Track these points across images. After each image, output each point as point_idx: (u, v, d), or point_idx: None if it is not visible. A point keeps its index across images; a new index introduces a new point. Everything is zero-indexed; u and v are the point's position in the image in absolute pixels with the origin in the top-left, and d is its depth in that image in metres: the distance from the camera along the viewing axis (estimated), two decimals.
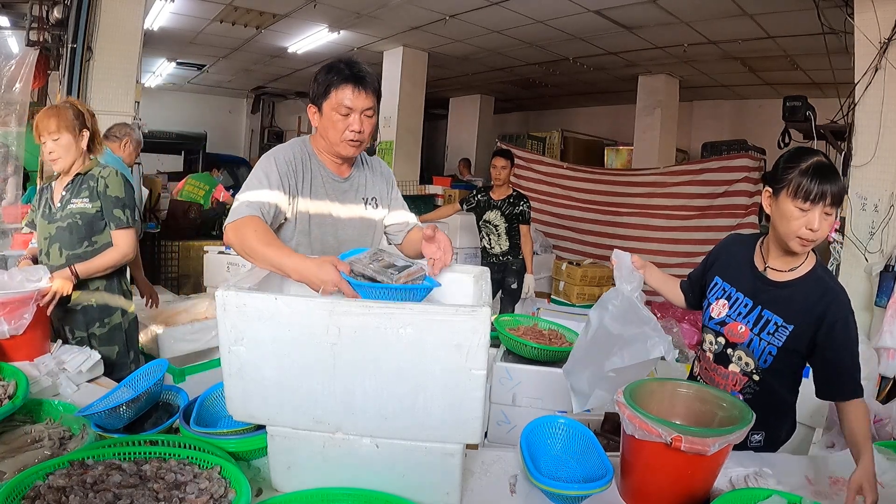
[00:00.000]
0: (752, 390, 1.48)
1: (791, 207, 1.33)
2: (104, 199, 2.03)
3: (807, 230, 1.33)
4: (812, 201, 1.30)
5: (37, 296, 1.73)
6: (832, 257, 3.25)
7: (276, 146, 1.63)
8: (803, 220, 1.33)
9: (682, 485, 1.14)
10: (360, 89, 1.50)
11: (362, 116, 1.53)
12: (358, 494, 1.05)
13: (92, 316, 2.08)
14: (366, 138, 1.57)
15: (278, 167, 1.52)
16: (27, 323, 1.67)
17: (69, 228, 2.02)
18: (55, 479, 0.98)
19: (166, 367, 1.48)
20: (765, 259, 1.49)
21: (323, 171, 1.63)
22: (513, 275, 4.08)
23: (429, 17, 5.71)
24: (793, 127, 3.74)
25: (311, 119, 1.60)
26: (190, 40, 7.02)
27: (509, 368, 1.95)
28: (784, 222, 1.36)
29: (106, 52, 3.67)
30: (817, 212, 1.31)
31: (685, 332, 3.77)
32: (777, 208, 1.38)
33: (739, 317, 1.49)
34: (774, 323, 1.43)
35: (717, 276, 1.58)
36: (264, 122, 11.76)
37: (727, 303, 1.52)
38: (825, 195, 1.30)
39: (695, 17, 5.03)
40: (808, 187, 1.30)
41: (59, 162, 2.01)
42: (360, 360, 1.02)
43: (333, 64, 1.54)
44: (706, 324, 1.57)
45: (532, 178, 6.42)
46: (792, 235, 1.35)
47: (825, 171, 1.31)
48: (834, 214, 1.34)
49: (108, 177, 2.04)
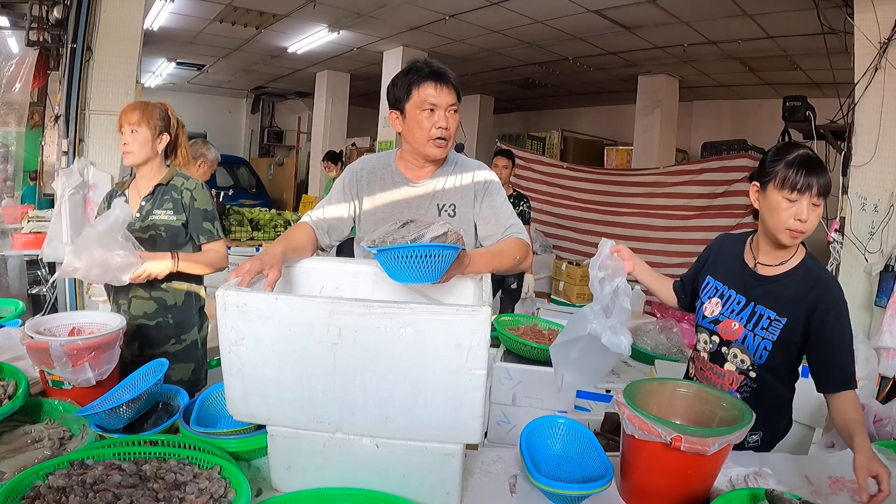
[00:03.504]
0: (748, 388, 1.48)
1: (779, 199, 1.36)
2: (192, 212, 1.95)
3: (795, 221, 1.35)
4: (799, 191, 1.33)
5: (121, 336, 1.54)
6: (832, 257, 3.25)
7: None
8: (791, 210, 1.35)
9: (682, 485, 1.14)
10: (441, 85, 1.50)
11: (447, 113, 1.51)
12: (358, 494, 1.05)
13: (167, 333, 1.97)
14: (452, 135, 1.53)
15: (344, 179, 1.66)
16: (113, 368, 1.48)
17: (151, 241, 1.89)
18: (55, 480, 0.98)
19: (166, 367, 1.48)
20: (755, 255, 1.51)
21: (397, 177, 1.63)
22: (512, 275, 4.08)
23: (429, 17, 5.71)
24: (793, 127, 3.74)
25: (394, 126, 1.60)
26: (190, 40, 7.02)
27: (509, 368, 1.95)
28: (773, 214, 1.38)
29: (106, 52, 3.66)
30: (805, 202, 1.34)
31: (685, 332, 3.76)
32: (765, 201, 1.40)
33: (733, 314, 1.50)
34: (767, 317, 1.44)
35: (709, 276, 1.59)
36: (264, 122, 11.76)
37: (720, 301, 1.53)
38: (811, 185, 1.32)
39: (695, 17, 5.03)
40: (794, 178, 1.33)
41: (131, 156, 1.92)
42: (360, 359, 1.02)
43: (411, 65, 1.55)
44: (700, 323, 1.58)
45: (532, 178, 6.42)
46: (781, 227, 1.37)
47: (811, 163, 1.34)
48: (822, 206, 1.36)
49: (194, 189, 1.97)
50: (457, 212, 1.61)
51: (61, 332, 1.59)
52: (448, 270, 1.23)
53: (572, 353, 1.34)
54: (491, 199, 1.62)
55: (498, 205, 1.62)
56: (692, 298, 1.65)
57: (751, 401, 1.32)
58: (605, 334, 1.24)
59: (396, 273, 1.20)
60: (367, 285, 1.44)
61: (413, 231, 1.23)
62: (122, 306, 1.96)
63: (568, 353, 1.35)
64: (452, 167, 1.64)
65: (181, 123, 2.06)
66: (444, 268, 1.20)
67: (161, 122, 1.97)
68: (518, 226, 1.60)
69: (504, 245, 1.52)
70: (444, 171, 1.63)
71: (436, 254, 1.16)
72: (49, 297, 3.73)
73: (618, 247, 1.47)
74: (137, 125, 1.92)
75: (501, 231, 1.57)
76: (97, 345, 1.44)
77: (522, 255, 1.53)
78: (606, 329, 1.26)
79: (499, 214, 1.60)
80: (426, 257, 1.15)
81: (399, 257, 1.16)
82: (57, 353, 1.37)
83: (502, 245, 1.52)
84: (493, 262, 1.41)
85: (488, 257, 1.41)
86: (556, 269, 4.93)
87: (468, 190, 1.62)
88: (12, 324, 2.02)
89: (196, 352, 2.05)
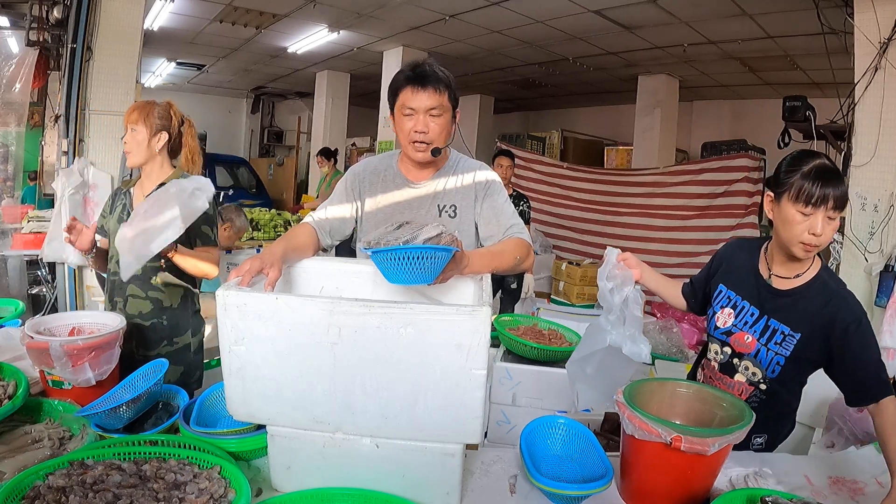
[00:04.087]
0: (758, 399, 1.46)
1: (793, 212, 1.31)
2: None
3: (809, 235, 1.30)
4: (814, 205, 1.28)
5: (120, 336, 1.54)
6: (832, 257, 3.25)
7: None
8: (806, 224, 1.30)
9: (682, 485, 1.14)
10: (419, 89, 1.50)
11: (426, 116, 1.51)
12: (358, 494, 1.05)
13: (161, 334, 1.95)
14: (433, 139, 1.52)
15: (347, 180, 1.68)
16: (113, 368, 1.48)
17: None
18: (55, 480, 0.98)
19: (166, 367, 1.48)
20: (769, 266, 1.47)
21: (399, 178, 1.64)
22: (512, 275, 4.08)
23: (429, 17, 5.71)
24: (793, 127, 3.74)
25: (392, 128, 1.63)
26: (190, 40, 7.02)
27: (509, 368, 1.95)
28: (787, 227, 1.33)
29: (106, 52, 3.66)
30: (820, 216, 1.28)
31: (685, 332, 3.77)
32: (779, 213, 1.35)
33: (746, 326, 1.47)
34: (781, 332, 1.41)
35: (722, 284, 1.55)
36: (264, 122, 11.76)
37: (733, 312, 1.50)
38: (827, 198, 1.27)
39: (695, 17, 5.03)
40: (809, 191, 1.27)
41: (129, 156, 1.92)
42: (360, 359, 1.02)
43: (402, 68, 1.57)
44: (711, 333, 1.55)
45: (532, 178, 6.42)
46: (795, 241, 1.33)
47: (828, 175, 1.28)
48: (838, 220, 1.31)
49: None
50: (457, 212, 1.61)
51: (61, 332, 1.58)
52: (445, 271, 1.23)
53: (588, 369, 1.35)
54: (492, 199, 1.61)
55: (499, 205, 1.61)
56: (703, 304, 1.63)
57: (759, 410, 1.31)
58: (625, 344, 1.26)
59: (391, 274, 1.21)
60: (367, 285, 1.44)
61: (407, 232, 1.24)
62: (118, 304, 1.94)
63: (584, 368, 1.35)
64: (454, 168, 1.64)
65: (189, 122, 2.03)
66: (437, 269, 1.21)
67: (160, 121, 1.94)
68: (519, 226, 1.60)
69: (505, 245, 1.52)
70: (444, 172, 1.63)
71: (429, 255, 1.17)
72: (49, 297, 3.73)
73: (624, 255, 1.47)
74: (135, 124, 1.90)
75: (502, 231, 1.57)
76: (97, 345, 1.44)
77: (523, 256, 1.52)
78: (626, 339, 1.28)
79: (500, 215, 1.60)
80: (419, 259, 1.17)
81: (393, 259, 1.17)
82: (57, 353, 1.37)
83: (503, 245, 1.52)
84: (493, 262, 1.41)
85: (488, 257, 1.41)
86: (556, 269, 4.93)
87: (469, 190, 1.62)
88: (12, 324, 2.01)
89: (187, 355, 2.02)
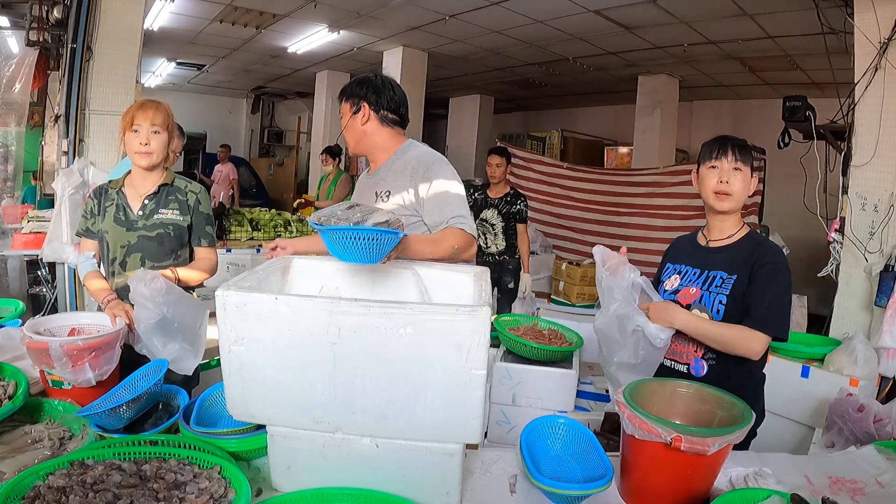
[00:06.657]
0: (713, 353, 1.56)
1: (704, 171, 1.60)
2: (196, 215, 1.98)
3: (720, 183, 1.55)
4: (716, 157, 1.56)
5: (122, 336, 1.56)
6: (832, 257, 3.25)
7: None
8: (715, 175, 1.57)
9: (682, 485, 1.14)
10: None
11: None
12: (358, 494, 1.05)
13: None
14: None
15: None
16: (113, 368, 1.49)
17: (159, 239, 1.92)
18: (55, 480, 0.98)
19: (166, 367, 1.47)
20: (706, 236, 1.68)
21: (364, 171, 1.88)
22: (509, 274, 4.08)
23: (429, 17, 5.71)
24: (793, 127, 3.73)
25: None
26: (190, 40, 7.01)
27: (509, 368, 1.96)
28: (703, 186, 1.61)
29: (106, 52, 3.65)
30: (725, 165, 1.55)
31: None
32: (699, 181, 1.63)
33: (689, 282, 1.65)
34: (720, 277, 1.59)
35: (669, 263, 1.75)
36: (264, 122, 11.75)
37: (678, 276, 1.69)
38: (726, 149, 1.55)
39: (695, 17, 5.03)
40: (711, 147, 1.58)
41: (150, 157, 1.90)
42: (359, 359, 1.02)
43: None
44: (662, 297, 1.67)
45: (532, 178, 6.41)
46: (710, 193, 1.58)
47: (726, 137, 1.59)
48: (746, 172, 1.55)
49: (199, 192, 2.01)
50: (390, 197, 1.73)
51: (61, 332, 1.59)
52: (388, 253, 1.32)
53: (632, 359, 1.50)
54: (434, 188, 1.69)
55: (443, 196, 1.68)
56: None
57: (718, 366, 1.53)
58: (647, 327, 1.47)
59: (339, 252, 1.27)
60: (367, 285, 1.44)
61: (357, 214, 1.30)
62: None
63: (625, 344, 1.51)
64: (397, 157, 1.78)
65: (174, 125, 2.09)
66: (385, 251, 1.29)
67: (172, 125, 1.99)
68: (464, 217, 1.67)
69: (443, 234, 1.61)
70: (389, 161, 1.79)
71: (379, 237, 1.25)
72: (49, 297, 3.73)
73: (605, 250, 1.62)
74: (162, 127, 1.91)
75: (445, 220, 1.65)
76: (97, 345, 1.45)
77: (463, 246, 1.61)
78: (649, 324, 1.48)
79: (443, 206, 1.67)
80: (370, 240, 1.24)
81: (346, 238, 1.24)
82: (57, 354, 1.37)
83: (442, 234, 1.62)
84: (428, 248, 1.52)
85: (424, 243, 1.53)
86: (556, 269, 4.93)
87: (404, 174, 1.72)
88: (12, 324, 2.02)
89: None
